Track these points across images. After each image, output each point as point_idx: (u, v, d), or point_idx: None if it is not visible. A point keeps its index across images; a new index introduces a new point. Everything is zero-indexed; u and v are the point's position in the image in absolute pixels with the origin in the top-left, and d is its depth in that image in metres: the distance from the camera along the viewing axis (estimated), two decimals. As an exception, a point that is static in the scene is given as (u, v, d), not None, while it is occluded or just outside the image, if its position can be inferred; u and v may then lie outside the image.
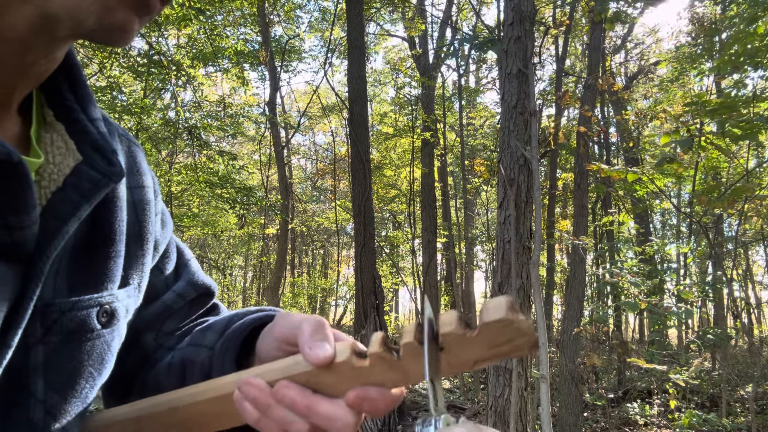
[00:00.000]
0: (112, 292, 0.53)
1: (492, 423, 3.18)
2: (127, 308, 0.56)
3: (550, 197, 9.94)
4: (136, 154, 0.62)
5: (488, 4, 11.27)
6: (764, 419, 6.38)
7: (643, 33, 13.85)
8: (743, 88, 5.48)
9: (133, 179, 0.59)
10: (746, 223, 11.09)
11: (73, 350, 0.49)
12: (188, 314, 0.69)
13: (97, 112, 0.53)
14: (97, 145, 0.50)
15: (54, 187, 0.46)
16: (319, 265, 24.00)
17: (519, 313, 0.36)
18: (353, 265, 8.40)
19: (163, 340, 0.66)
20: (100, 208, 0.52)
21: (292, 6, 12.29)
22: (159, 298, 0.66)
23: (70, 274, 0.49)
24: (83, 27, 0.40)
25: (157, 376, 0.64)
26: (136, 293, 0.58)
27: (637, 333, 14.67)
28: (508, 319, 0.36)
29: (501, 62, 3.58)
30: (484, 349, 0.38)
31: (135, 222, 0.58)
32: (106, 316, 0.52)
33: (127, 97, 8.31)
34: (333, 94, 13.45)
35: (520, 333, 0.37)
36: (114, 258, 0.53)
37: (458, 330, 0.37)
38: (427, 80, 10.71)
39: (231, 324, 0.62)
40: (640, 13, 9.34)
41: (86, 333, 0.50)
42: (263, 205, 10.48)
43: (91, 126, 0.50)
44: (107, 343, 0.53)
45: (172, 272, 0.68)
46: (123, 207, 0.55)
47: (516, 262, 3.21)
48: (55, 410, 0.48)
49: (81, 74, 0.52)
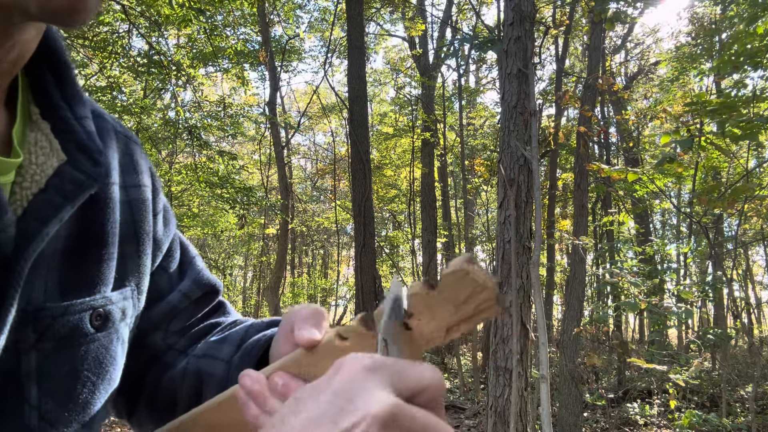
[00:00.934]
0: (105, 295, 0.52)
1: (492, 423, 3.18)
2: (124, 310, 0.55)
3: (550, 197, 9.93)
4: (133, 151, 0.61)
5: (488, 4, 11.26)
6: (764, 419, 6.38)
7: (643, 33, 13.85)
8: (743, 88, 5.47)
9: (129, 178, 0.58)
10: (746, 223, 11.09)
11: (66, 355, 0.48)
12: (194, 313, 0.68)
13: (84, 110, 0.51)
14: (83, 145, 0.49)
15: (36, 188, 0.45)
16: (319, 265, 24.00)
17: (475, 264, 0.37)
18: (353, 265, 8.40)
19: (172, 340, 0.66)
20: (90, 209, 0.51)
21: (292, 6, 12.29)
22: (164, 298, 0.65)
23: (61, 277, 0.48)
24: (29, 13, 0.39)
25: (173, 381, 0.63)
26: (133, 295, 0.57)
27: (637, 333, 14.67)
28: (463, 269, 0.37)
29: (501, 62, 3.58)
30: (451, 311, 0.39)
31: (130, 222, 0.57)
32: (100, 320, 0.51)
33: (127, 97, 8.30)
34: (333, 94, 13.45)
35: (479, 285, 0.37)
36: (106, 260, 0.52)
37: (422, 290, 0.39)
38: (427, 80, 10.71)
39: (247, 337, 0.62)
40: (640, 13, 9.33)
41: (79, 337, 0.49)
42: (263, 205, 10.48)
43: (77, 125, 0.49)
44: (104, 347, 0.52)
45: (176, 270, 0.67)
46: (116, 207, 0.54)
47: (516, 262, 3.21)
48: (52, 417, 0.47)
49: (69, 71, 0.51)
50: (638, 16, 9.69)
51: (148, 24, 7.43)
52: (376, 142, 14.31)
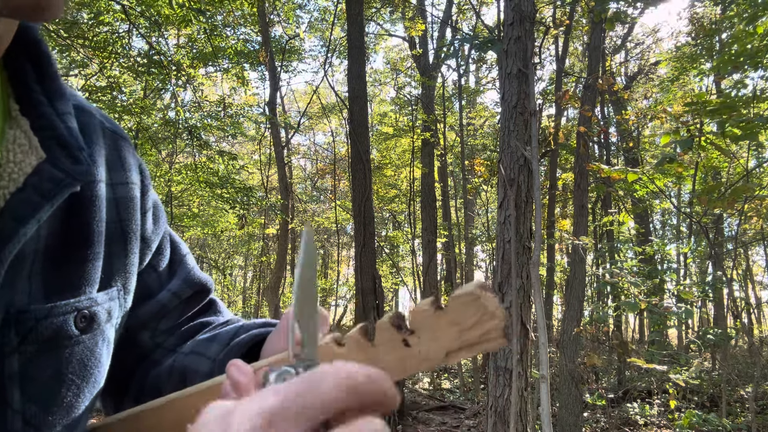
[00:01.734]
0: (91, 296, 0.51)
1: (492, 423, 3.18)
2: (110, 311, 0.54)
3: (550, 197, 9.94)
4: (122, 148, 0.59)
5: (488, 4, 11.26)
6: (764, 419, 6.38)
7: (643, 33, 13.86)
8: (743, 88, 5.47)
9: (116, 175, 0.57)
10: (746, 223, 11.09)
11: (50, 358, 0.47)
12: (184, 312, 0.67)
13: (66, 106, 0.50)
14: (63, 142, 0.47)
15: (13, 187, 0.44)
16: (319, 265, 24.01)
17: (488, 291, 0.36)
18: (353, 265, 8.40)
19: (160, 339, 0.65)
20: (75, 208, 0.50)
21: (292, 6, 12.29)
22: (153, 297, 0.64)
23: (45, 278, 0.47)
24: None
25: (158, 377, 0.63)
26: (119, 295, 0.56)
27: (637, 333, 14.67)
28: (475, 293, 0.36)
29: (501, 62, 3.58)
30: (455, 335, 0.37)
31: (116, 221, 0.55)
32: (85, 321, 0.50)
33: (127, 97, 8.31)
34: (333, 93, 13.45)
35: (488, 313, 0.36)
36: (92, 260, 0.51)
37: (429, 308, 0.38)
38: (427, 80, 10.71)
39: (236, 336, 0.61)
40: (640, 13, 9.35)
41: (63, 340, 0.48)
42: (263, 205, 10.48)
43: (58, 121, 0.48)
44: (89, 349, 0.51)
45: (166, 269, 0.66)
46: (102, 206, 0.52)
47: (516, 262, 3.21)
48: (36, 421, 0.46)
49: (51, 65, 0.49)
50: (638, 16, 9.71)
51: (148, 24, 7.44)
52: (376, 142, 14.31)
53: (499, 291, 3.27)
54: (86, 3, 7.07)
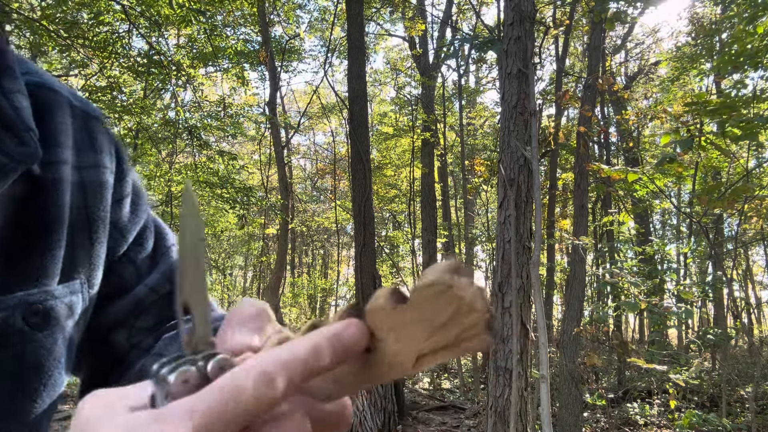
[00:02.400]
0: (46, 289, 0.46)
1: (492, 423, 3.18)
2: (71, 306, 0.49)
3: (550, 197, 9.94)
4: (93, 129, 0.54)
5: (488, 4, 11.26)
6: (764, 419, 6.38)
7: (643, 33, 13.86)
8: (743, 88, 5.47)
9: (84, 158, 0.52)
10: (746, 223, 11.08)
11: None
12: (165, 308, 0.60)
13: (16, 84, 0.45)
14: (9, 123, 0.43)
15: None
16: (319, 265, 24.00)
17: (462, 276, 0.26)
18: (353, 265, 8.40)
19: (137, 339, 0.59)
20: (32, 194, 0.46)
21: (292, 6, 12.29)
22: (130, 291, 0.57)
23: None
24: None
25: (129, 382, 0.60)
26: (83, 288, 0.51)
27: (637, 333, 14.67)
28: (445, 281, 0.26)
29: (501, 62, 3.58)
30: (424, 335, 0.27)
31: (82, 206, 0.51)
32: (38, 317, 0.45)
33: (127, 97, 8.31)
34: (333, 93, 13.45)
35: (465, 304, 0.26)
36: (51, 249, 0.46)
37: (386, 304, 0.27)
38: (427, 80, 10.72)
39: None
40: (640, 13, 9.34)
41: (11, 337, 0.43)
42: (263, 205, 10.49)
43: (4, 100, 0.44)
44: (45, 348, 0.46)
45: (146, 261, 0.60)
46: (65, 190, 0.48)
47: (516, 262, 3.21)
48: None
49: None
50: (638, 16, 9.71)
51: (148, 24, 7.44)
52: (376, 142, 14.32)
53: (500, 291, 3.27)
54: (86, 3, 7.08)
